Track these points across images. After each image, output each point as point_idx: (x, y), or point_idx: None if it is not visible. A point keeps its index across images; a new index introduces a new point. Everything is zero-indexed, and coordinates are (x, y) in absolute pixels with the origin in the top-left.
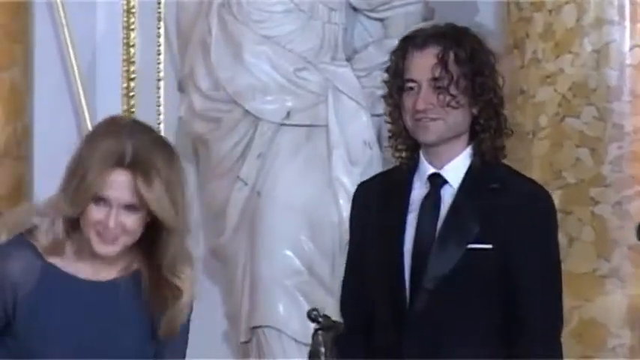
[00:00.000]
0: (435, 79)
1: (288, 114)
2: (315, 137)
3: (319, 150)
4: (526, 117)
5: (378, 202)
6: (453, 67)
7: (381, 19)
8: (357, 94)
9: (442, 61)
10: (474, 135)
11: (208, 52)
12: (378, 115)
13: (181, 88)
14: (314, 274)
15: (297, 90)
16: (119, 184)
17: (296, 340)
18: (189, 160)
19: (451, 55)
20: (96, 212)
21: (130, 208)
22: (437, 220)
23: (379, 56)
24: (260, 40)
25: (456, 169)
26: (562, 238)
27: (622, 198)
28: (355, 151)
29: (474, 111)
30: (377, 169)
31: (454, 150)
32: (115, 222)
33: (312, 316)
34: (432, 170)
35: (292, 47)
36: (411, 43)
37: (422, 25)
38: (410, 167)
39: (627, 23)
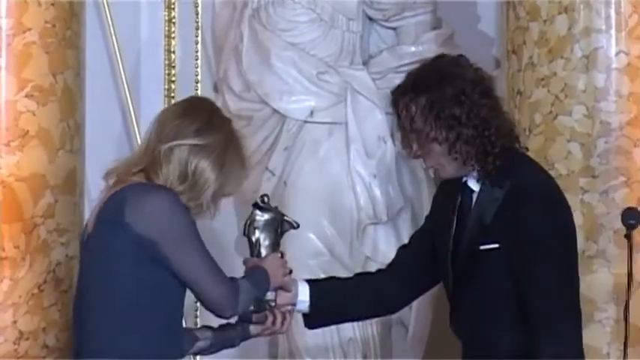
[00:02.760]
0: (411, 130)
1: (312, 112)
2: (336, 133)
3: (339, 144)
4: (523, 115)
5: (445, 196)
6: (418, 119)
7: (393, 28)
8: (373, 95)
9: (407, 116)
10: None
11: (240, 58)
12: (391, 114)
13: (216, 89)
14: (334, 254)
15: (320, 91)
16: None
17: None
18: None
19: (412, 109)
20: None
21: None
22: (465, 220)
23: (392, 61)
24: (286, 46)
25: (475, 178)
26: None
27: (608, 187)
28: (371, 145)
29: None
30: (390, 161)
31: (467, 166)
32: None
33: (261, 199)
34: (464, 179)
35: (315, 53)
36: (391, 99)
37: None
38: None
39: (613, 31)
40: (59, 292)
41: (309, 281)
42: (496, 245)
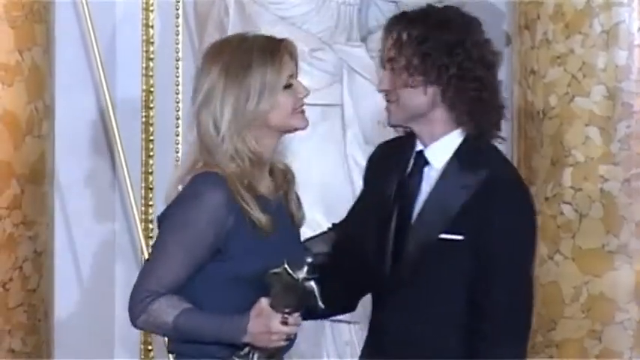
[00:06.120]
0: (390, 60)
1: None
2: (331, 116)
3: (334, 128)
4: (537, 96)
5: (384, 168)
6: (405, 48)
7: (394, 1)
8: (371, 74)
9: (396, 43)
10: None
11: (225, 33)
12: None
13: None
14: None
15: (313, 70)
16: None
17: None
18: None
19: (404, 37)
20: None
21: None
22: (415, 202)
23: None
24: (276, 20)
25: (440, 149)
26: (572, 215)
27: (630, 175)
28: (369, 129)
29: (433, 91)
30: None
31: (434, 131)
32: None
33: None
34: (419, 147)
35: (307, 28)
36: (385, 25)
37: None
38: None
39: (636, 4)
40: (26, 292)
41: None
42: (460, 237)
